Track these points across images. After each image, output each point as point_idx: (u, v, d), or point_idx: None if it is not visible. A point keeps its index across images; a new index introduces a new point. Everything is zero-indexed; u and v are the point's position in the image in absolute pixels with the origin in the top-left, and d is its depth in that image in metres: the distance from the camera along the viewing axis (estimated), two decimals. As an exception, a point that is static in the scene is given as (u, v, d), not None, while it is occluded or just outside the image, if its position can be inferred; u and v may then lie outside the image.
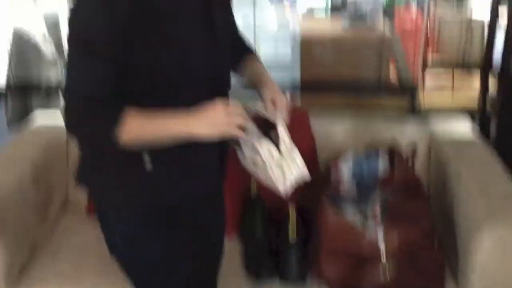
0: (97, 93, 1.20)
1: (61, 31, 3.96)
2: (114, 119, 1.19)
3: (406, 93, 2.42)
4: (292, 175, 1.35)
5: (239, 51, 1.51)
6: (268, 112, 1.36)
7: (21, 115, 2.78)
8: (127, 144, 1.22)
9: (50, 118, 2.21)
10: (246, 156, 1.38)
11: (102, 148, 1.29)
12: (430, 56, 2.61)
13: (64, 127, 1.24)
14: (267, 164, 1.32)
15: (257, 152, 1.32)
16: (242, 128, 1.24)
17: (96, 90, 1.20)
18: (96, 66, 1.20)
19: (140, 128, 1.22)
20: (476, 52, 2.50)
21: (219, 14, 1.34)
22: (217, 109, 1.21)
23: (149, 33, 1.20)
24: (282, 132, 1.35)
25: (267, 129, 1.36)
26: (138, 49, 1.20)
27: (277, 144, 1.34)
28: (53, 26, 4.24)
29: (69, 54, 1.23)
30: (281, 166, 1.34)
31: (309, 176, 1.37)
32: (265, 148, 1.31)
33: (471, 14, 2.63)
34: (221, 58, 1.34)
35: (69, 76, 1.23)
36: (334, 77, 2.42)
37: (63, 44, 3.65)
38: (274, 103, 1.36)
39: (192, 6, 1.29)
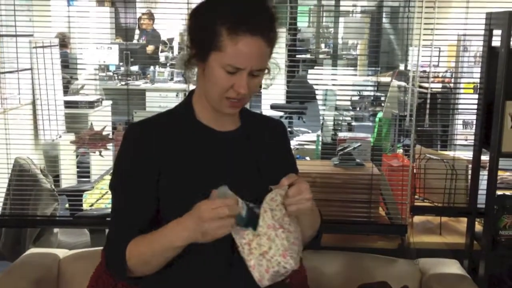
0: (132, 224, 1.32)
1: (60, 164, 4.08)
2: (123, 241, 1.29)
3: (396, 231, 2.48)
4: (268, 261, 1.20)
5: None
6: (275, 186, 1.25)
7: (13, 249, 2.76)
8: (138, 268, 1.28)
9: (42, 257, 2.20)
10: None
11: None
12: (417, 193, 2.70)
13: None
14: (240, 248, 1.22)
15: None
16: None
17: (131, 221, 1.32)
18: (131, 200, 1.33)
19: (143, 241, 1.28)
20: (461, 191, 2.59)
21: (266, 157, 1.42)
22: (201, 214, 1.17)
23: (179, 170, 1.32)
24: (266, 208, 1.23)
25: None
26: (169, 182, 1.32)
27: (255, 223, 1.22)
28: (52, 159, 4.36)
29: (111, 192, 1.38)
30: (256, 250, 1.20)
31: (294, 266, 1.21)
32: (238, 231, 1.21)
33: (454, 152, 2.76)
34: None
35: (111, 213, 1.37)
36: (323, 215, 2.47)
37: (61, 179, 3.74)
38: (291, 184, 1.26)
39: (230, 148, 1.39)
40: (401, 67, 5.03)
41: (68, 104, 5.07)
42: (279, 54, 1.45)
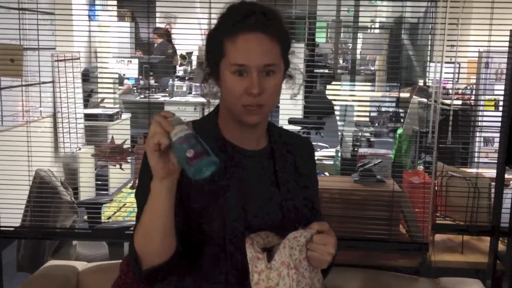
0: None
1: (79, 177, 4.10)
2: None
3: (417, 250, 2.45)
4: None
5: None
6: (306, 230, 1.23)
7: (32, 261, 2.77)
8: (143, 247, 1.23)
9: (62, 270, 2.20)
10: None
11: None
12: (438, 211, 2.66)
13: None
14: (250, 275, 1.21)
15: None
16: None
17: None
18: None
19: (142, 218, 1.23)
20: (484, 210, 2.55)
21: (287, 178, 1.40)
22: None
23: (198, 186, 1.29)
24: (286, 244, 1.21)
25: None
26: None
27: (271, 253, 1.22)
28: (72, 171, 4.39)
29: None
30: (263, 282, 1.20)
31: None
32: (251, 251, 1.21)
33: (477, 170, 2.72)
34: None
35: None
36: (343, 232, 2.45)
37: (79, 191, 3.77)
38: (320, 231, 1.25)
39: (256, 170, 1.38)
40: (420, 83, 5.00)
41: (88, 118, 5.13)
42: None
